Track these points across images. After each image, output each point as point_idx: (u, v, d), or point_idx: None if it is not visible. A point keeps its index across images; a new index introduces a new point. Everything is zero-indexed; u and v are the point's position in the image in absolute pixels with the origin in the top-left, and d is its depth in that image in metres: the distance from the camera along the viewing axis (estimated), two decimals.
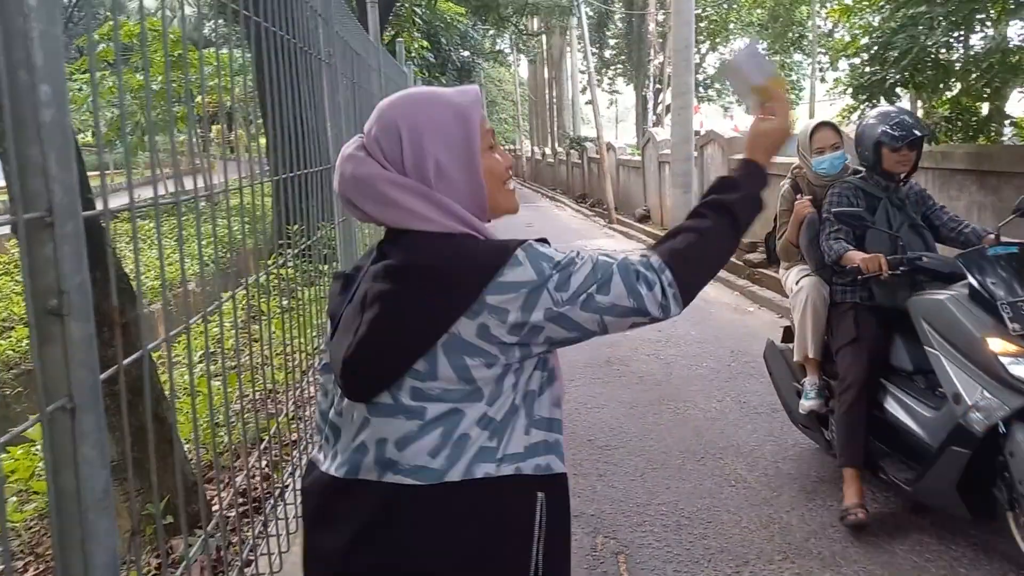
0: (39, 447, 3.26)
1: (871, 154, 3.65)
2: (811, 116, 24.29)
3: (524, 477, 1.34)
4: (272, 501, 2.34)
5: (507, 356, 1.32)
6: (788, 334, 4.32)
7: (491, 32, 29.89)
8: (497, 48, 35.90)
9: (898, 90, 7.22)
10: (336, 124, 3.36)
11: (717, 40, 34.91)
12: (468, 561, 1.30)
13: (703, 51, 34.88)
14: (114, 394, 2.07)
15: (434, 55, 19.77)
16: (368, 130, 1.41)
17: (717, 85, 37.70)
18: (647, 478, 4.12)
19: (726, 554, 3.33)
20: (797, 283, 4.00)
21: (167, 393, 3.10)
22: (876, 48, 6.92)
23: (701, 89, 35.45)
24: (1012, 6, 6.28)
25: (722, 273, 10.02)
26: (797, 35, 31.47)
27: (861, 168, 3.84)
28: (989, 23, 6.88)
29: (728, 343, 6.85)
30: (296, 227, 4.43)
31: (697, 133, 12.82)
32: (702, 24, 31.96)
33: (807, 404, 3.91)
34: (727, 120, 36.35)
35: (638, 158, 17.04)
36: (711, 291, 9.30)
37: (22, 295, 4.37)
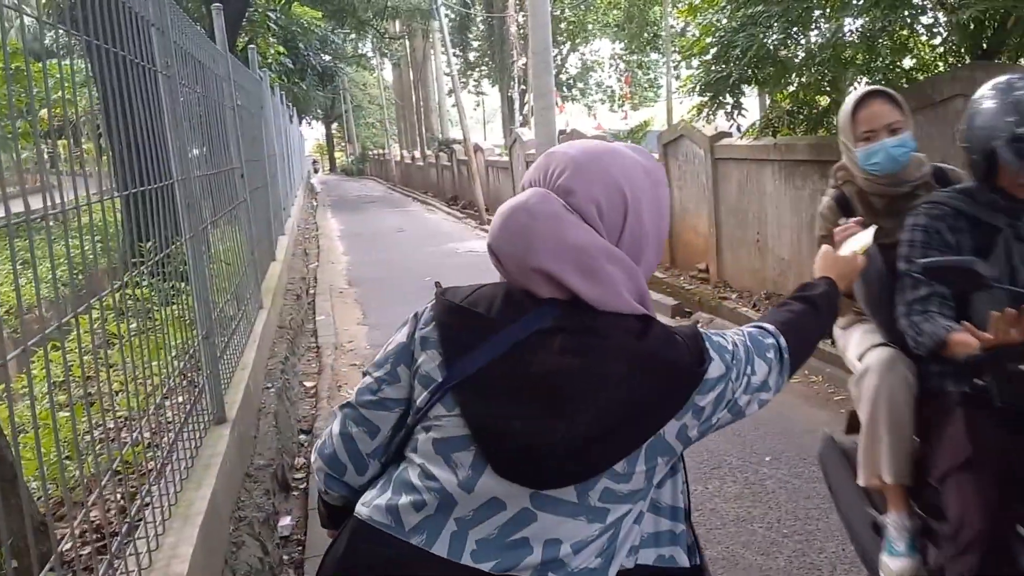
0: None
1: (982, 160, 2.18)
2: (668, 114, 24.90)
3: (644, 568, 1.27)
4: (120, 537, 2.23)
5: (682, 452, 1.27)
6: (854, 422, 2.63)
7: (352, 36, 29.51)
8: (359, 52, 35.49)
9: (743, 86, 7.59)
10: (179, 136, 3.24)
11: (577, 40, 35.68)
12: None
13: (564, 51, 35.57)
14: None
15: (292, 60, 19.36)
16: (572, 186, 1.22)
17: (580, 84, 38.56)
18: None
19: None
20: (861, 358, 2.51)
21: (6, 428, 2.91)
22: (720, 47, 7.24)
23: (565, 89, 36.17)
24: (841, 3, 6.69)
25: None
26: (652, 35, 32.53)
27: (945, 166, 2.56)
28: (823, 20, 7.31)
29: None
30: (149, 244, 4.24)
31: (563, 132, 13.07)
32: (562, 25, 32.62)
33: (894, 566, 2.40)
34: (591, 119, 37.19)
35: (507, 159, 17.22)
36: None
37: None
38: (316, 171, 51.40)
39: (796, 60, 7.35)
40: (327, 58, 25.31)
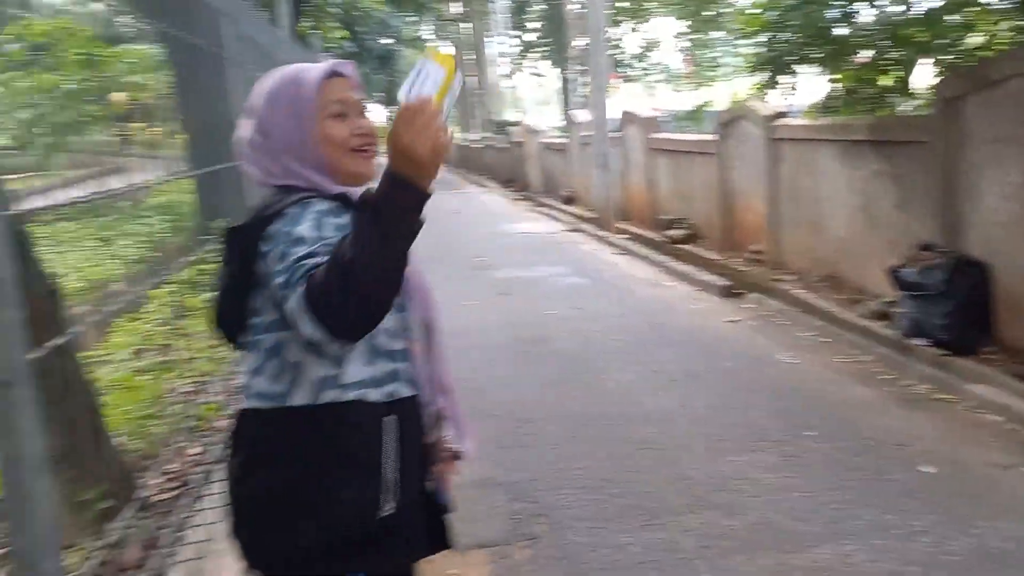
0: None
1: None
2: (730, 94, 24.70)
3: (370, 403, 1.48)
4: (203, 478, 2.48)
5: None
6: None
7: (412, 19, 29.77)
8: (418, 35, 35.75)
9: (801, 65, 7.56)
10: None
11: (638, 19, 35.30)
12: (308, 479, 1.46)
13: (626, 30, 35.25)
14: (48, 388, 2.17)
15: (353, 44, 19.66)
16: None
17: (640, 64, 38.19)
18: (565, 447, 4.30)
19: (636, 509, 3.56)
20: None
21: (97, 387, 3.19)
22: (775, 25, 7.24)
23: (626, 69, 35.90)
24: None
25: (643, 251, 10.29)
26: (715, 12, 32.03)
27: None
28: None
29: (646, 316, 7.13)
30: (220, 222, 4.52)
31: (626, 112, 13.11)
32: (624, 4, 32.34)
33: None
34: (652, 99, 36.86)
35: (561, 140, 17.27)
36: (629, 268, 9.60)
37: None
38: None
39: (855, 39, 7.30)
40: (387, 41, 25.57)
